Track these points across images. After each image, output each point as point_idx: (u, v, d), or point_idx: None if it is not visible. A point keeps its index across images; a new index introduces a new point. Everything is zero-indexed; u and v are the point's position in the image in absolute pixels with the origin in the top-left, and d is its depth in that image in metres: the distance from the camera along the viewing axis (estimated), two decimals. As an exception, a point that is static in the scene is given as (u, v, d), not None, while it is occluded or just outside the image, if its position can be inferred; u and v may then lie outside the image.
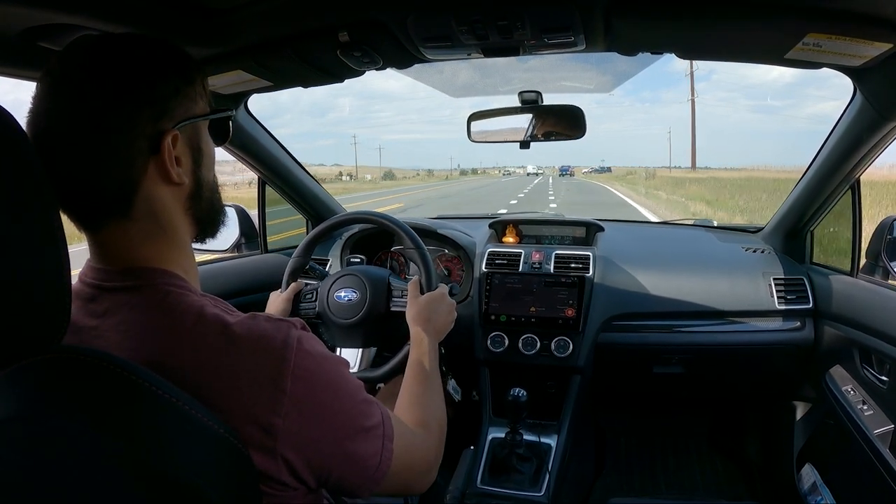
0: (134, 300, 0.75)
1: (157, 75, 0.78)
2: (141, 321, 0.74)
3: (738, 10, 1.12)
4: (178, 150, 0.79)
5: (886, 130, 1.46)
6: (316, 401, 0.76)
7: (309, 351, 0.77)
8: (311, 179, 2.40)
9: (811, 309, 1.97)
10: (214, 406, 0.69)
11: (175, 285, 0.78)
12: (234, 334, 0.74)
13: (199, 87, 0.85)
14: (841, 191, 1.80)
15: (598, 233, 2.30)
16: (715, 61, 1.45)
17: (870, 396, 1.64)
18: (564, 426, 1.98)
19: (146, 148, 0.76)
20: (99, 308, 0.76)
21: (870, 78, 1.35)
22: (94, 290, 0.77)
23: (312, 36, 1.31)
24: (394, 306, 1.59)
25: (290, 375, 0.73)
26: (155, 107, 0.76)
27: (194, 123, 0.83)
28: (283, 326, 0.78)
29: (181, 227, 0.84)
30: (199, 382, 0.70)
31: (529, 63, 1.58)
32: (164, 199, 0.80)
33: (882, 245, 1.74)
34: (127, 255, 0.78)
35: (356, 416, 0.82)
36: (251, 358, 0.73)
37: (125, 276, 0.77)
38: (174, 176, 0.78)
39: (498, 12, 1.17)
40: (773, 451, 2.31)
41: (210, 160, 0.89)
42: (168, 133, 0.77)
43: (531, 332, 2.02)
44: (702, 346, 2.05)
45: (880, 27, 1.10)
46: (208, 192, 0.88)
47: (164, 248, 0.80)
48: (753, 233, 2.41)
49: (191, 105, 0.82)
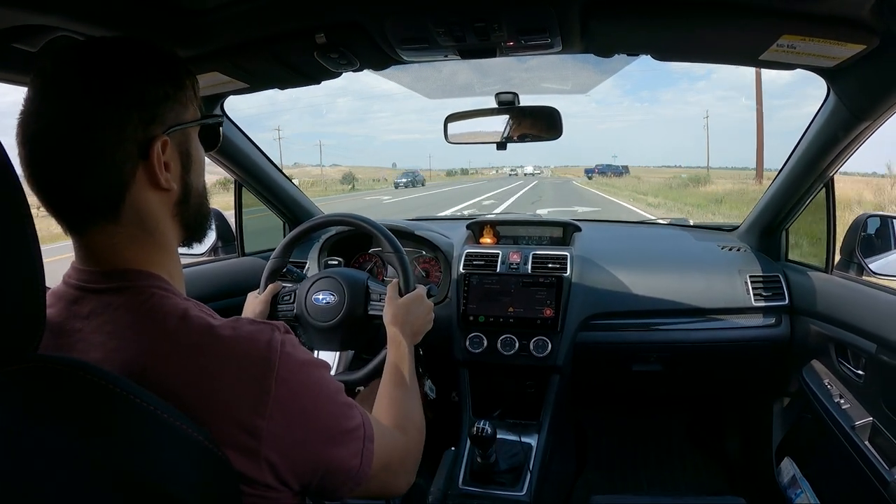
0: (118, 301, 0.74)
1: (148, 80, 0.77)
2: (124, 322, 0.73)
3: (713, 12, 1.13)
4: (167, 156, 0.78)
5: (859, 130, 1.48)
6: (299, 403, 0.76)
7: (292, 354, 0.77)
8: (287, 182, 2.38)
9: (787, 305, 1.99)
10: (198, 408, 0.68)
11: (160, 287, 0.77)
12: (218, 336, 0.73)
13: (189, 92, 0.85)
14: (815, 189, 1.82)
15: (575, 233, 2.31)
16: (690, 62, 1.46)
17: (846, 390, 1.66)
18: (545, 425, 1.98)
19: (135, 153, 0.75)
20: (83, 310, 0.75)
21: (843, 79, 1.37)
22: (79, 291, 0.76)
23: (289, 37, 1.31)
24: (371, 310, 1.58)
25: (274, 378, 0.73)
26: (145, 112, 0.76)
27: (184, 129, 0.83)
28: (266, 329, 0.77)
29: (168, 232, 0.83)
30: (183, 384, 0.69)
31: (509, 64, 1.58)
32: (152, 204, 0.79)
33: (856, 242, 1.77)
34: (112, 257, 0.77)
35: (338, 417, 0.83)
36: (235, 360, 0.72)
37: (110, 278, 0.76)
38: (163, 182, 0.78)
39: (475, 14, 1.17)
40: (752, 445, 2.33)
41: (199, 166, 0.88)
42: (158, 138, 0.77)
43: (510, 333, 2.02)
44: (680, 344, 2.06)
45: (853, 29, 1.11)
46: (196, 198, 0.88)
47: (151, 252, 0.80)
48: (729, 231, 2.44)
49: (181, 110, 0.82)
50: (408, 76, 1.88)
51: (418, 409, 1.17)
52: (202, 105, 0.89)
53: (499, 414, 2.06)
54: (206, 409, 0.69)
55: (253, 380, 0.72)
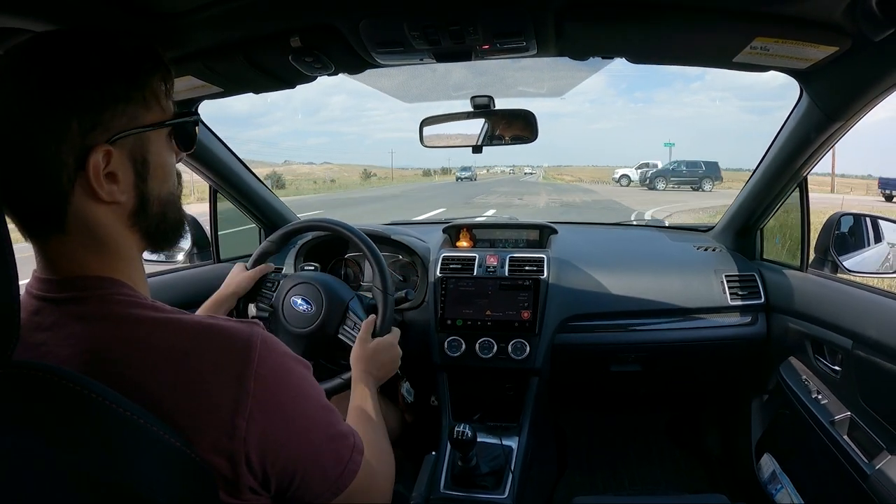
0: (81, 311, 0.72)
1: (91, 80, 0.72)
2: (91, 333, 0.70)
3: (687, 15, 1.14)
4: (114, 166, 0.73)
5: (832, 131, 1.51)
6: (279, 402, 0.74)
7: (273, 351, 0.76)
8: (262, 187, 2.36)
9: (763, 304, 2.01)
10: (177, 411, 0.67)
11: (123, 294, 0.75)
12: (194, 335, 0.72)
13: (151, 91, 0.78)
14: (789, 189, 1.84)
15: (551, 235, 2.31)
16: (665, 65, 1.46)
17: (823, 385, 1.68)
18: (525, 427, 1.98)
19: (72, 163, 0.70)
20: (45, 321, 0.72)
21: (816, 80, 1.38)
22: (39, 301, 0.74)
23: (264, 41, 1.29)
24: (341, 333, 1.57)
25: (252, 376, 0.71)
26: (85, 117, 0.70)
27: (140, 134, 0.77)
28: (245, 327, 0.75)
29: (125, 241, 0.79)
30: (161, 389, 0.67)
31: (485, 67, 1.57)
32: (98, 216, 0.74)
33: (830, 240, 1.79)
34: (68, 265, 0.74)
35: (319, 420, 0.81)
36: (213, 358, 0.71)
37: (69, 287, 0.73)
38: (103, 195, 0.73)
39: (450, 17, 1.17)
40: (731, 442, 2.35)
41: (162, 171, 0.82)
42: (97, 149, 0.71)
43: (488, 336, 2.02)
44: (658, 344, 2.07)
45: (826, 31, 1.13)
46: (158, 206, 0.81)
47: (108, 259, 0.76)
48: (704, 231, 2.46)
49: (138, 112, 0.76)
50: (383, 80, 1.87)
51: (387, 442, 1.15)
52: (173, 104, 0.84)
53: (479, 417, 2.05)
54: (187, 413, 0.67)
55: (231, 378, 0.70)
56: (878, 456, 1.39)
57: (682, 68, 3.27)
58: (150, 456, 0.61)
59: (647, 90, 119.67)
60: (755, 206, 2.02)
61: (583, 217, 16.11)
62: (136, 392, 0.65)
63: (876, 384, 1.43)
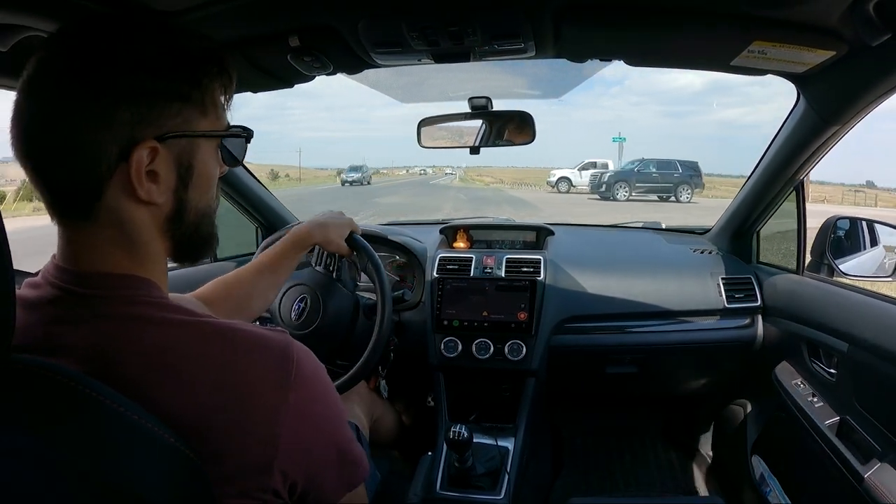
0: (104, 309, 0.68)
1: (147, 70, 0.68)
2: (112, 334, 0.66)
3: (685, 18, 1.14)
4: (157, 165, 0.70)
5: (828, 134, 1.52)
6: (313, 411, 0.73)
7: (308, 361, 0.74)
8: (260, 187, 2.35)
9: (759, 307, 2.02)
10: (208, 420, 0.65)
11: (150, 295, 0.71)
12: (231, 342, 0.69)
13: (211, 97, 0.76)
14: (785, 192, 1.85)
15: (548, 237, 2.32)
16: (662, 68, 1.47)
17: (819, 389, 1.68)
18: (521, 428, 1.98)
19: (115, 152, 0.67)
20: (64, 314, 0.68)
21: (812, 84, 1.39)
22: (59, 291, 0.69)
23: (263, 40, 1.29)
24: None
25: (291, 386, 0.70)
26: (136, 107, 0.67)
27: (193, 139, 0.74)
28: (280, 335, 0.74)
29: (155, 245, 0.75)
30: (190, 397, 0.65)
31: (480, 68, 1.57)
32: (132, 213, 0.71)
33: (826, 243, 1.80)
34: (95, 259, 0.70)
35: (341, 427, 0.81)
36: (252, 367, 0.69)
37: (94, 282, 0.69)
38: (141, 193, 0.69)
39: (449, 18, 1.17)
40: (726, 445, 2.35)
41: (206, 181, 0.78)
42: (144, 143, 0.68)
43: (484, 337, 2.02)
44: (653, 346, 2.08)
45: (823, 36, 1.13)
46: (194, 216, 0.77)
47: (136, 258, 0.73)
48: (701, 234, 2.46)
49: (192, 116, 0.73)
50: (380, 79, 1.86)
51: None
52: (226, 114, 0.80)
53: (475, 418, 2.06)
54: (221, 422, 0.66)
55: (271, 389, 0.69)
56: (872, 459, 1.39)
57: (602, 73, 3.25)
58: (145, 453, 0.61)
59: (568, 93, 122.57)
60: (751, 209, 2.02)
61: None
62: (169, 408, 0.63)
63: (871, 387, 1.44)
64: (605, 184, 24.20)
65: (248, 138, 0.85)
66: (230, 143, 0.81)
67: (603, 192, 24.06)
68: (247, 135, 0.84)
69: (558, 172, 30.19)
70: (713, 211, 3.33)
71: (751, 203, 2.00)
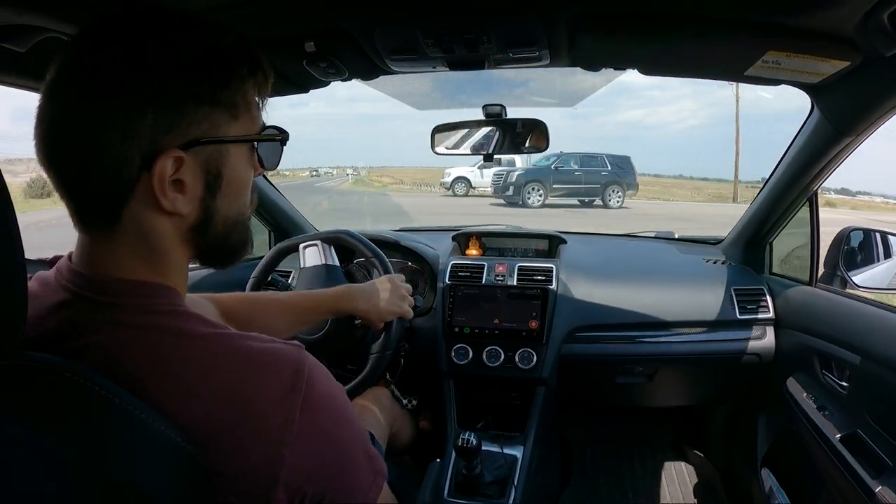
0: (119, 317, 0.66)
1: (173, 72, 0.65)
2: (126, 342, 0.65)
3: (700, 28, 1.14)
4: (182, 174, 0.67)
5: (842, 145, 1.51)
6: (322, 428, 0.71)
7: (320, 377, 0.72)
8: (273, 191, 2.37)
9: (771, 318, 2.00)
10: (217, 434, 0.64)
11: (168, 303, 0.70)
12: (243, 355, 0.68)
13: (243, 98, 0.72)
14: (799, 203, 1.84)
15: (560, 245, 2.31)
16: (676, 77, 1.47)
17: (830, 402, 1.66)
18: (530, 437, 1.97)
19: (137, 160, 0.64)
20: (76, 318, 0.66)
21: (827, 94, 1.39)
22: (72, 295, 0.68)
23: (278, 45, 1.29)
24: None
25: (300, 404, 0.67)
26: (160, 113, 0.64)
27: (222, 145, 0.70)
28: (294, 350, 0.71)
29: (176, 253, 0.73)
30: (199, 408, 0.64)
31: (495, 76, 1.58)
32: (155, 223, 0.69)
33: (839, 255, 1.79)
34: (113, 266, 0.69)
35: (355, 445, 0.78)
36: (262, 381, 0.67)
37: (110, 289, 0.68)
38: (165, 204, 0.67)
39: (464, 26, 1.18)
40: (736, 457, 2.34)
41: (236, 188, 0.75)
42: (167, 152, 0.65)
43: (495, 344, 2.02)
44: (665, 356, 2.07)
45: (838, 46, 1.13)
46: (222, 225, 0.75)
47: (156, 266, 0.71)
48: (713, 244, 2.45)
49: (220, 120, 0.69)
50: (395, 87, 1.88)
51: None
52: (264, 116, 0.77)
53: (483, 426, 2.05)
54: (229, 435, 0.64)
55: (279, 405, 0.67)
56: (884, 474, 1.38)
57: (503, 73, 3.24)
58: (151, 450, 0.60)
59: (471, 94, 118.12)
60: (764, 219, 2.02)
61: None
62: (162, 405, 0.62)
63: (883, 401, 1.42)
64: (512, 185, 18.29)
65: (283, 141, 0.81)
66: (264, 145, 0.78)
67: (510, 195, 18.32)
68: (282, 137, 0.80)
69: (454, 171, 22.93)
70: (653, 220, 3.06)
71: (764, 214, 1.99)
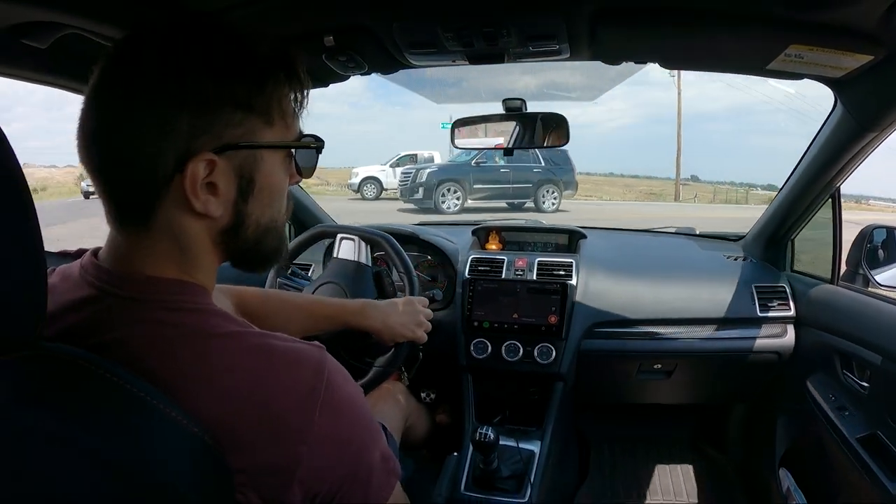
0: (145, 314, 0.68)
1: (209, 77, 0.67)
2: (158, 339, 0.66)
3: (722, 21, 1.14)
4: (215, 177, 0.68)
5: (866, 141, 1.49)
6: (339, 429, 0.71)
7: (339, 378, 0.72)
8: (296, 186, 2.37)
9: (792, 316, 1.98)
10: (235, 431, 0.64)
11: (195, 302, 0.71)
12: (265, 353, 0.69)
13: (277, 105, 0.73)
14: (821, 200, 1.82)
15: (580, 240, 2.31)
16: (697, 71, 1.46)
17: (850, 402, 1.65)
18: (547, 433, 1.97)
19: (172, 162, 0.66)
20: (102, 315, 0.68)
21: (850, 89, 1.37)
22: (98, 291, 0.69)
23: (297, 40, 1.29)
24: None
25: (319, 405, 0.68)
26: (196, 116, 0.66)
27: (256, 150, 0.71)
28: (315, 350, 0.72)
29: (207, 255, 0.74)
30: (219, 407, 0.64)
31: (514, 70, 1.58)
32: (186, 225, 0.70)
33: (862, 253, 1.77)
34: (142, 264, 0.70)
35: (370, 445, 0.77)
36: (282, 381, 0.68)
37: (138, 286, 0.69)
38: (197, 206, 0.68)
39: (484, 20, 1.18)
40: (755, 456, 2.32)
41: (269, 194, 0.75)
42: (200, 155, 0.66)
43: (514, 339, 2.02)
44: (684, 353, 2.05)
45: (861, 40, 1.12)
46: (254, 231, 0.75)
47: (185, 266, 0.72)
48: (735, 241, 2.44)
49: (255, 126, 0.71)
50: (415, 80, 1.88)
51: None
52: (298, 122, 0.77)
53: (500, 420, 2.06)
54: (246, 433, 0.65)
55: (298, 405, 0.67)
56: None
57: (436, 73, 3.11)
58: (171, 441, 0.61)
59: (402, 95, 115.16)
60: (786, 216, 2.00)
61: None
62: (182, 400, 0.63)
63: None
64: (422, 186, 14.99)
65: (318, 149, 0.82)
66: (301, 152, 0.79)
67: (420, 199, 15.11)
68: (318, 146, 0.81)
69: (363, 171, 20.51)
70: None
71: (786, 210, 1.98)
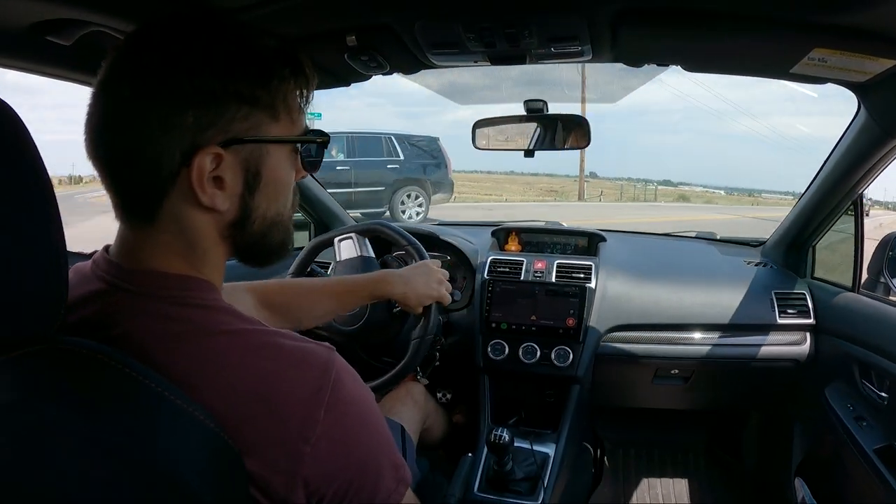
0: (155, 309, 0.68)
1: (214, 72, 0.67)
2: (159, 333, 0.67)
3: (744, 24, 1.13)
4: (222, 170, 0.69)
5: (890, 147, 1.48)
6: (345, 431, 0.71)
7: (347, 379, 0.72)
8: (315, 183, 2.40)
9: (812, 324, 1.97)
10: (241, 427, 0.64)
11: (203, 297, 0.71)
12: (272, 352, 0.69)
13: (283, 100, 0.73)
14: (843, 206, 1.81)
15: (600, 243, 2.31)
16: (720, 74, 1.46)
17: (868, 412, 1.63)
18: (563, 436, 1.97)
19: (178, 157, 0.66)
20: (112, 309, 0.68)
21: (874, 94, 1.36)
22: (108, 286, 0.70)
23: (320, 39, 1.30)
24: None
25: (325, 404, 0.68)
26: (202, 111, 0.66)
27: (262, 144, 0.72)
28: (324, 350, 0.72)
29: (214, 249, 0.75)
30: (225, 403, 0.64)
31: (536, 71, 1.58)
32: (193, 219, 0.71)
33: (883, 261, 1.75)
34: (150, 258, 0.71)
35: (378, 450, 0.77)
36: (289, 380, 0.68)
37: (147, 280, 0.70)
38: (203, 200, 0.68)
39: (506, 20, 1.17)
40: (770, 464, 2.30)
41: (275, 188, 0.76)
42: (207, 149, 0.67)
43: (531, 341, 2.02)
44: (702, 359, 2.04)
45: (886, 43, 1.11)
46: (260, 224, 0.76)
47: (193, 261, 0.73)
48: (755, 247, 2.42)
49: (261, 120, 0.71)
50: (437, 80, 1.89)
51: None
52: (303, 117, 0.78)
53: (516, 422, 2.05)
54: (251, 430, 0.65)
55: (304, 404, 0.67)
56: None
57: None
58: (186, 437, 0.61)
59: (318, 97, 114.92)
60: (807, 222, 1.98)
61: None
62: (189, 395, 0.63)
63: None
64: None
65: (323, 144, 0.83)
66: (305, 148, 0.80)
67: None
68: (322, 140, 0.82)
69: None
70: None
71: (807, 216, 1.96)
